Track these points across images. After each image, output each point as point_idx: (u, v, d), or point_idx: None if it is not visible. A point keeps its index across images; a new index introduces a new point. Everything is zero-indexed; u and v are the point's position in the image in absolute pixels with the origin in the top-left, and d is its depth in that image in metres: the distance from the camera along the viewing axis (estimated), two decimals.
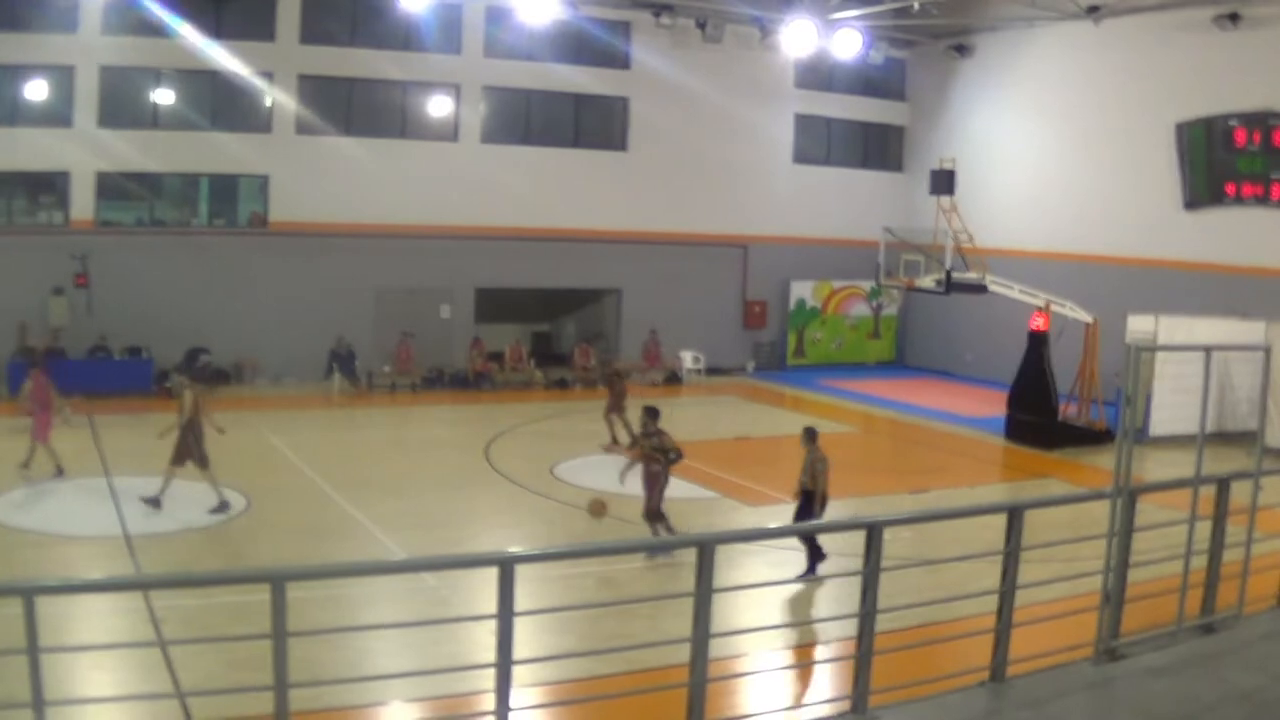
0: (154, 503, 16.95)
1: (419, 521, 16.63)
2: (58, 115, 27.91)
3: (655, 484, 14.68)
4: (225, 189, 29.06)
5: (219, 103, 28.58)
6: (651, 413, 15.29)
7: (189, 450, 16.74)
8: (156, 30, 27.64)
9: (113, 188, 28.63)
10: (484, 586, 7.28)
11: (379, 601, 12.76)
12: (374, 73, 28.58)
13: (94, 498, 17.61)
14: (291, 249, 28.32)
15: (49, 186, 28.20)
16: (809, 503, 13.78)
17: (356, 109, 29.04)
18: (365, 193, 28.67)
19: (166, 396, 27.21)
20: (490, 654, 6.39)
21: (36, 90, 27.85)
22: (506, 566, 6.22)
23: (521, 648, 6.56)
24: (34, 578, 12.33)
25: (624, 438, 21.55)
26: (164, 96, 28.46)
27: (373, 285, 28.71)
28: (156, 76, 28.24)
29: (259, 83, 28.76)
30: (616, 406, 21.10)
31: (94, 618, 11.83)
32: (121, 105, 28.33)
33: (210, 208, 29.03)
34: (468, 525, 17.19)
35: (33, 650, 5.67)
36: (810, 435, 14.13)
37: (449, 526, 16.66)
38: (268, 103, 28.59)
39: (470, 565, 9.69)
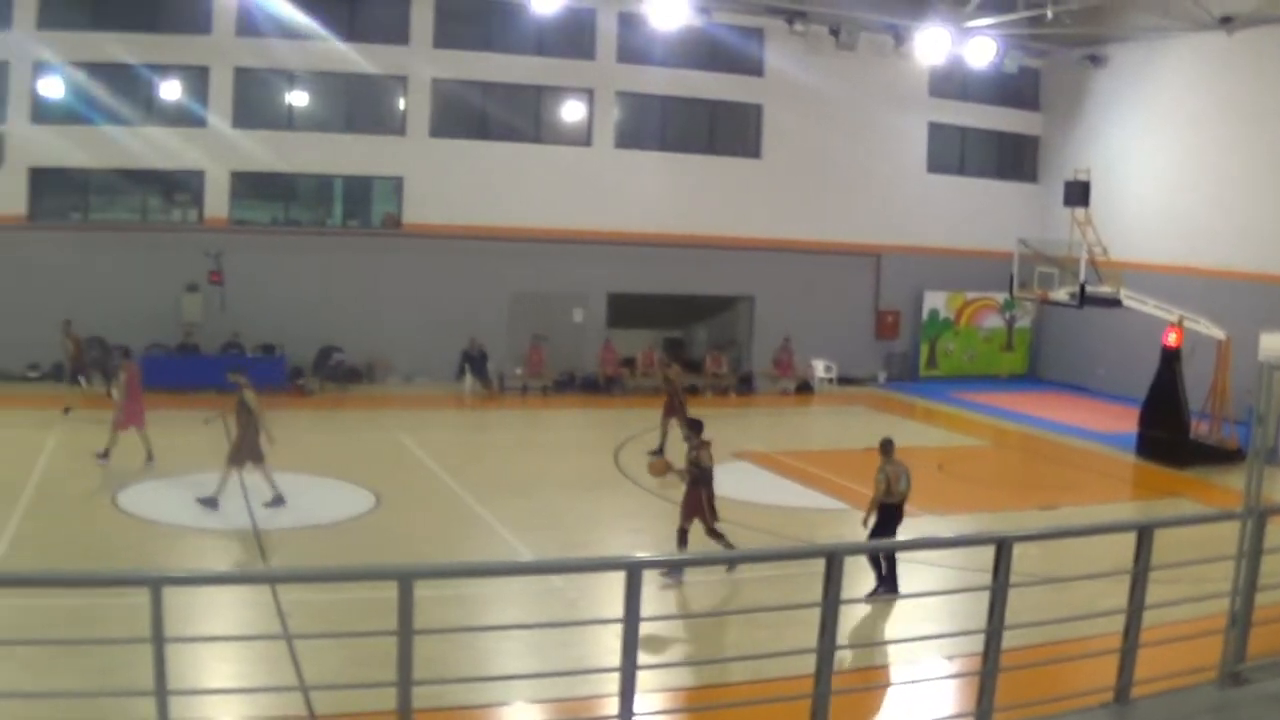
0: (211, 503, 17.02)
1: (547, 523, 16.62)
2: (192, 116, 28.57)
3: (693, 502, 14.04)
4: (359, 190, 29.28)
5: (353, 105, 28.93)
6: (695, 425, 14.72)
7: (252, 449, 17.11)
8: (290, 32, 28.29)
9: (247, 187, 29.08)
10: (610, 590, 7.19)
11: (505, 602, 12.88)
12: (507, 77, 28.71)
13: (226, 491, 17.88)
14: (425, 251, 28.35)
15: (184, 185, 28.54)
16: (890, 518, 13.28)
17: (491, 113, 29.05)
18: (499, 196, 28.80)
19: (299, 394, 27.23)
20: (615, 658, 6.33)
21: (172, 91, 28.44)
22: (634, 571, 6.18)
23: (646, 653, 6.56)
24: (162, 569, 13.16)
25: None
26: (298, 98, 28.66)
27: (506, 288, 28.65)
28: (290, 78, 28.54)
29: (393, 85, 29.41)
30: (674, 410, 20.85)
31: (221, 610, 12.00)
32: (255, 106, 28.92)
33: (344, 209, 29.20)
34: (595, 528, 17.12)
35: (158, 640, 5.71)
36: (886, 447, 13.67)
37: (576, 529, 16.62)
38: (402, 105, 28.76)
39: (598, 569, 9.66)
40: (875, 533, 13.10)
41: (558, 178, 28.87)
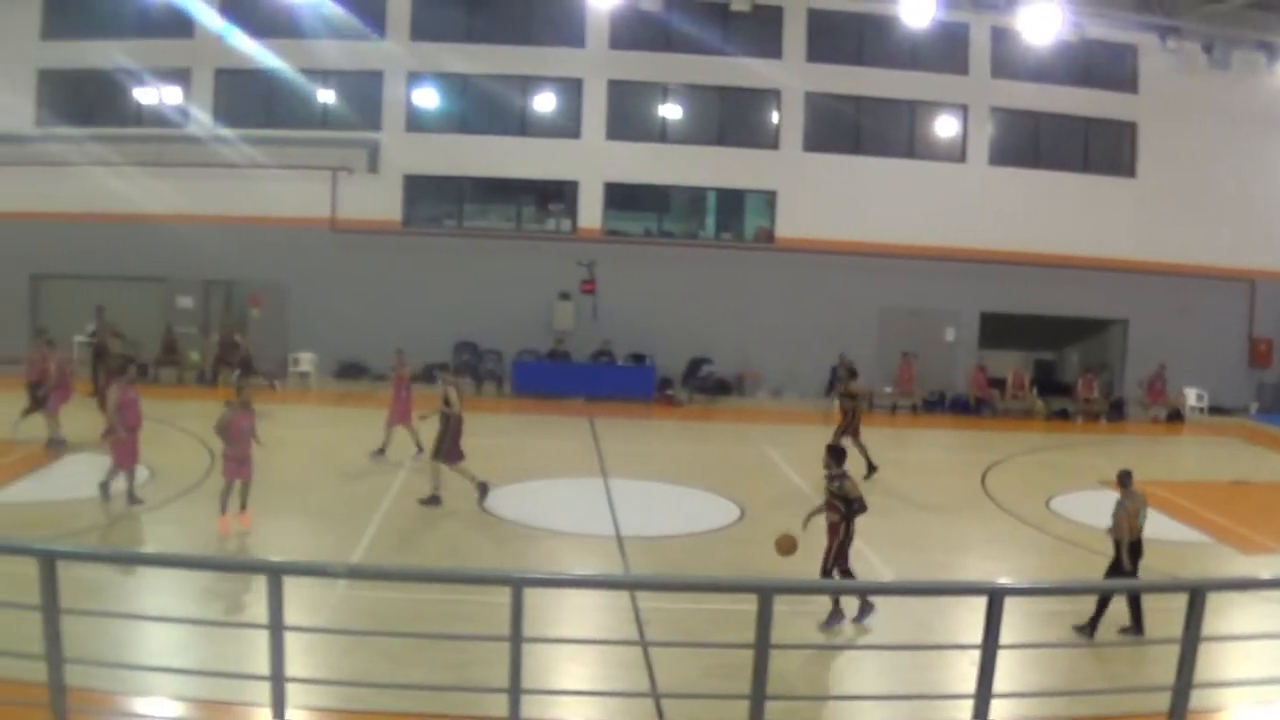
0: (434, 501, 17.32)
1: (909, 543, 16.50)
2: (567, 127, 29.27)
3: (834, 534, 13.18)
4: (732, 203, 29.51)
5: (726, 118, 29.19)
6: (835, 453, 13.75)
7: (452, 446, 17.36)
8: (664, 46, 28.99)
9: (620, 198, 29.48)
10: (970, 615, 7.30)
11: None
12: (880, 91, 28.84)
13: (589, 496, 18.51)
14: (796, 265, 28.42)
15: (558, 195, 29.00)
16: (1131, 554, 12.37)
17: (864, 127, 29.13)
18: (871, 211, 28.87)
19: (668, 404, 27.32)
20: (970, 684, 6.34)
21: (547, 102, 28.95)
22: (996, 597, 6.20)
23: (1002, 681, 6.64)
24: (523, 569, 13.52)
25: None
26: (671, 111, 29.03)
27: (877, 304, 28.49)
28: (663, 91, 28.94)
29: (766, 99, 29.76)
30: (848, 429, 20.32)
31: (579, 612, 12.29)
32: (629, 118, 29.51)
33: (717, 221, 29.32)
34: (958, 551, 16.93)
35: (516, 639, 6.00)
36: (1125, 478, 12.71)
37: (939, 550, 16.44)
38: (775, 119, 28.94)
39: (958, 593, 9.86)
40: (1112, 571, 12.37)
41: (930, 194, 28.71)
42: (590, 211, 28.67)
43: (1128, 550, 12.27)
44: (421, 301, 28.57)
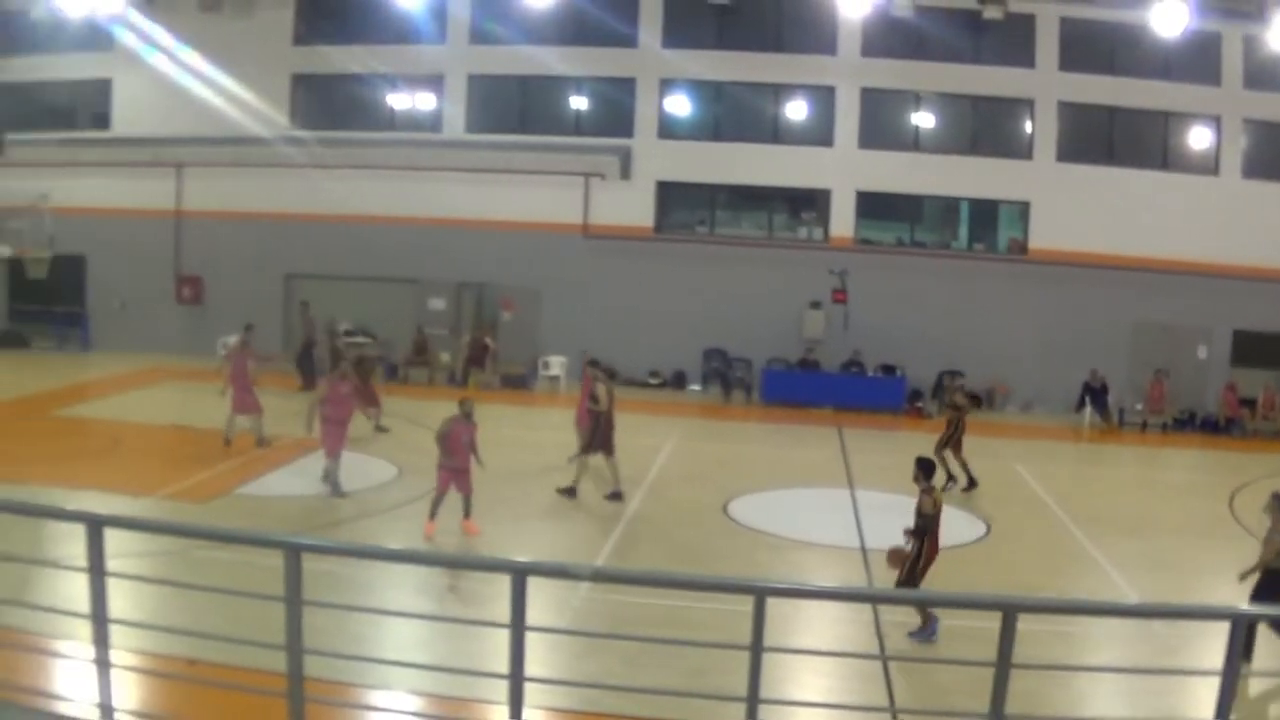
0: (570, 492, 18.54)
1: (1155, 565, 16.74)
2: (820, 134, 31.33)
3: (915, 549, 13.33)
4: (984, 214, 30.82)
5: (979, 127, 30.26)
6: (923, 466, 13.80)
7: (604, 440, 18.46)
8: (916, 53, 30.71)
9: (872, 207, 31.53)
10: (1208, 641, 7.77)
11: (1107, 642, 13.03)
12: (1133, 101, 30.36)
13: (835, 507, 19.25)
14: (1048, 277, 29.63)
15: (809, 203, 29.94)
16: (1275, 583, 12.11)
17: (1117, 138, 29.59)
18: (1124, 224, 30.67)
19: (917, 416, 28.08)
20: (1205, 710, 6.46)
21: (798, 110, 30.11)
22: (1239, 623, 6.27)
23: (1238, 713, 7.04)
24: (766, 578, 13.84)
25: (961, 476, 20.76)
26: (923, 119, 29.85)
27: (1129, 319, 29.64)
28: (916, 99, 29.71)
29: (1019, 108, 31.34)
30: (950, 441, 20.52)
31: (820, 623, 12.95)
32: (881, 126, 31.42)
33: (970, 232, 30.13)
34: (1203, 575, 16.71)
35: (756, 647, 6.18)
36: (1278, 502, 12.41)
37: (1184, 574, 16.60)
38: (1028, 129, 29.59)
39: (1199, 617, 9.85)
40: (1259, 596, 12.23)
41: (1182, 206, 29.85)
42: (842, 220, 30.53)
43: (1258, 568, 12.30)
44: (671, 308, 31.19)
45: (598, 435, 18.61)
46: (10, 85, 33.85)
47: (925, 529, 13.00)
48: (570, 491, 18.61)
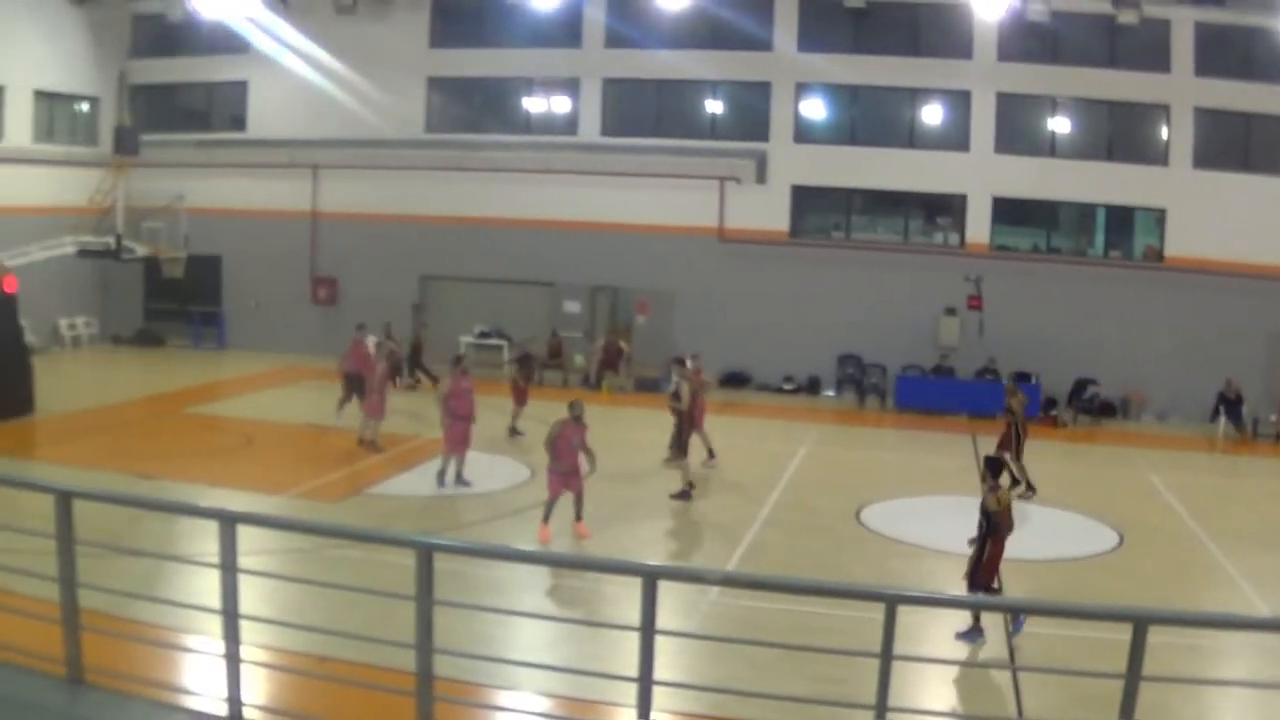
0: (685, 495, 19.36)
1: None
2: (955, 139, 32.54)
3: (980, 554, 13.63)
4: (1121, 220, 31.83)
5: (1114, 133, 31.00)
6: (990, 464, 14.19)
7: (687, 438, 19.39)
8: (1051, 58, 31.55)
9: (1008, 213, 32.64)
10: None
11: (1239, 656, 13.25)
12: (1271, 107, 32.04)
13: (967, 515, 19.42)
14: (1185, 285, 30.65)
15: (945, 208, 30.55)
16: None
17: (1254, 144, 30.46)
18: (1262, 231, 31.20)
19: (1051, 425, 29.25)
20: None
21: (934, 114, 31.32)
22: None
23: None
24: (898, 586, 14.02)
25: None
26: (1059, 124, 30.39)
27: (1266, 328, 30.28)
28: (1051, 104, 30.18)
29: (1155, 114, 31.94)
30: (1007, 444, 21.11)
31: (951, 634, 13.20)
32: (1017, 131, 32.39)
33: (1106, 239, 30.66)
34: None
35: (886, 655, 6.31)
36: None
37: None
38: (1164, 135, 29.97)
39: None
40: None
41: None
42: (978, 226, 31.95)
43: None
44: (806, 313, 32.72)
45: (684, 435, 19.62)
46: (148, 87, 35.19)
47: (989, 528, 13.35)
48: (684, 495, 19.51)
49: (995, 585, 13.55)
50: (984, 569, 13.35)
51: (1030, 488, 21.11)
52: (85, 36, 34.39)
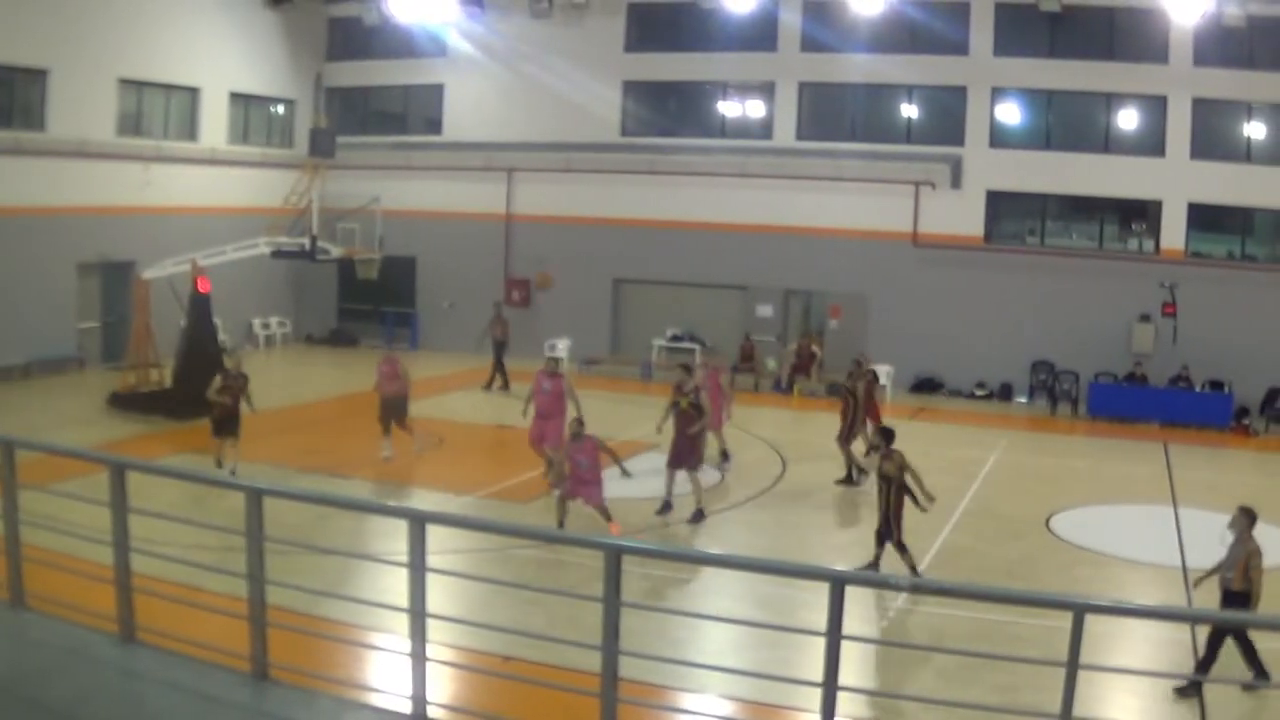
0: (849, 480, 22.07)
1: None
2: (1151, 144, 36.02)
3: (885, 510, 16.65)
4: None
5: None
6: (884, 433, 16.91)
7: (682, 450, 20.28)
8: (1248, 63, 35.27)
9: (1203, 219, 36.72)
10: None
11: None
12: None
13: (1157, 524, 20.98)
14: None
15: (1140, 214, 33.13)
16: (1233, 605, 13.04)
17: None
18: None
19: (1243, 434, 31.41)
20: None
21: (1130, 119, 33.98)
22: None
23: None
24: (1084, 594, 14.54)
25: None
26: (1256, 130, 32.89)
27: None
28: (1248, 110, 32.59)
29: None
30: (847, 428, 23.41)
31: (1139, 643, 14.24)
32: (1214, 137, 36.52)
33: None
34: None
35: (1072, 664, 6.75)
36: (1249, 518, 13.31)
37: None
38: None
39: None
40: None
41: None
42: (1173, 232, 35.19)
43: (1228, 597, 13.12)
44: (999, 318, 36.21)
45: (680, 442, 20.47)
46: (344, 90, 39.52)
47: (892, 489, 16.31)
48: (849, 479, 22.47)
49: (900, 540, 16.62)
50: (894, 524, 16.34)
51: (851, 477, 23.00)
52: (281, 40, 39.71)
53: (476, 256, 38.83)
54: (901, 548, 17.07)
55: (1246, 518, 13.16)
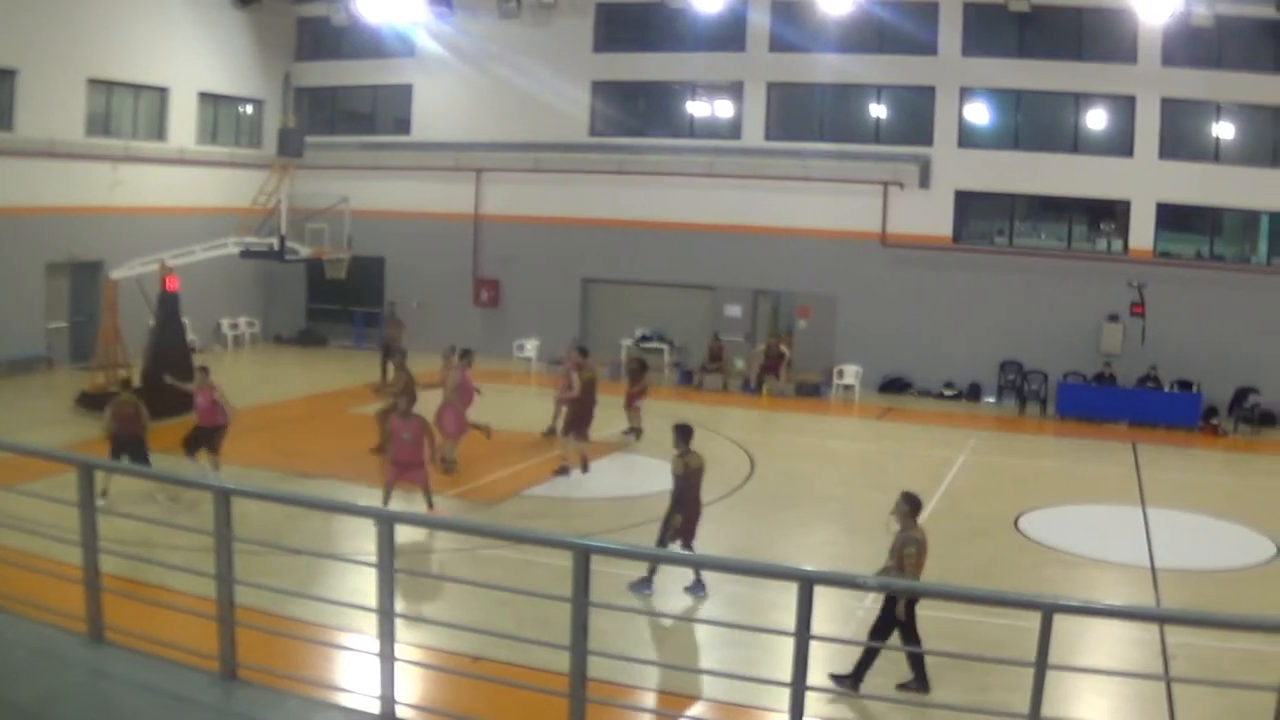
0: (564, 471, 22.94)
1: None
2: (1119, 144, 36.49)
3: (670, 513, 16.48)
4: None
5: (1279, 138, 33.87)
6: (680, 431, 16.77)
7: (581, 422, 22.82)
8: (1216, 63, 36.51)
9: (1171, 219, 37.90)
10: None
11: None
12: None
13: (1126, 524, 21.61)
14: None
15: (1109, 214, 34.50)
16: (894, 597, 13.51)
17: None
18: None
19: (1211, 434, 32.53)
20: None
21: (1098, 119, 35.29)
22: None
23: None
24: (1053, 595, 14.84)
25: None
26: (1224, 130, 34.14)
27: None
28: (1216, 110, 33.89)
29: None
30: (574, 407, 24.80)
31: (1106, 643, 14.73)
32: (1182, 137, 37.64)
33: (1269, 246, 34.37)
34: None
35: (1040, 664, 7.02)
36: (911, 504, 13.79)
37: None
38: None
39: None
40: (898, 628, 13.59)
41: None
42: (1141, 232, 36.22)
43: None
44: (967, 318, 37.81)
45: (576, 417, 23.38)
46: (313, 90, 40.67)
47: (677, 492, 16.25)
48: (564, 470, 23.16)
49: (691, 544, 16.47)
50: (677, 530, 16.03)
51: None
52: (250, 40, 40.95)
53: (445, 256, 39.91)
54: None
55: (908, 503, 13.54)
